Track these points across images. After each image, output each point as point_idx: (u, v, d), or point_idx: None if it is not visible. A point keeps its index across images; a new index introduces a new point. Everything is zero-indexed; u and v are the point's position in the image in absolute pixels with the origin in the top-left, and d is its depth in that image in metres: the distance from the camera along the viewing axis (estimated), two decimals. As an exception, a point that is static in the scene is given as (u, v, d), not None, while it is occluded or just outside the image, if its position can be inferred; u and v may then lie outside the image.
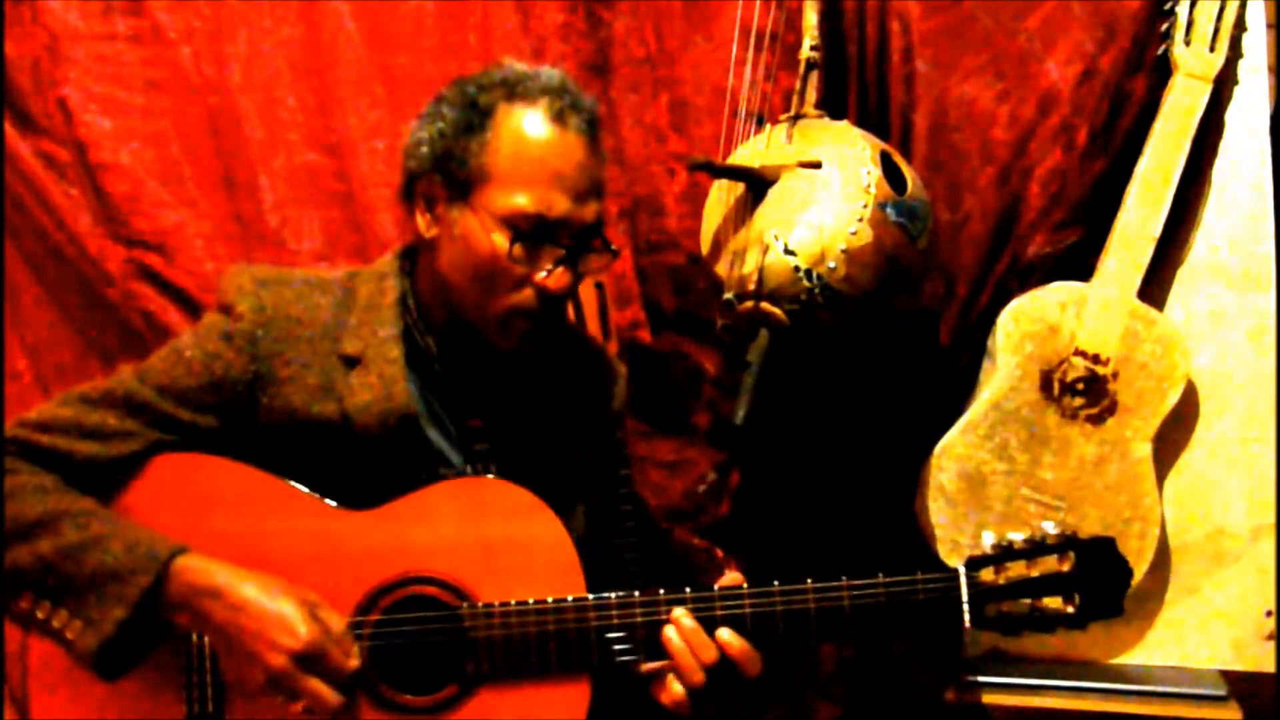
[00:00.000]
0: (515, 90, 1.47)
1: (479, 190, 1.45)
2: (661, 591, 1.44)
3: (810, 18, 2.13)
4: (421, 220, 1.51)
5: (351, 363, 1.50)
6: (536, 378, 1.60)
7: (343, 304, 1.54)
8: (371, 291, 1.55)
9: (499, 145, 1.45)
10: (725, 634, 1.42)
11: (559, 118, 1.45)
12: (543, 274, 1.45)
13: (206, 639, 1.42)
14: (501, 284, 1.46)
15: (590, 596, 1.44)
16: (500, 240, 1.44)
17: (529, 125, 1.45)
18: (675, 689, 1.44)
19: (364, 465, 1.48)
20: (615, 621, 1.43)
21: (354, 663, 1.37)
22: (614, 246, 1.54)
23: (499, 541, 1.46)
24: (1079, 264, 2.17)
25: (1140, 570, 2.09)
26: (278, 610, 1.34)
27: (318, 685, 1.34)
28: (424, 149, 1.49)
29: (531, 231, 1.44)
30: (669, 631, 1.43)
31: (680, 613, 1.43)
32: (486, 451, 1.55)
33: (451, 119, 1.47)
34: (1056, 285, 2.13)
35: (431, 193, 1.49)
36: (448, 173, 1.47)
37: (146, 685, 1.43)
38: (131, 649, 1.37)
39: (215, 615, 1.36)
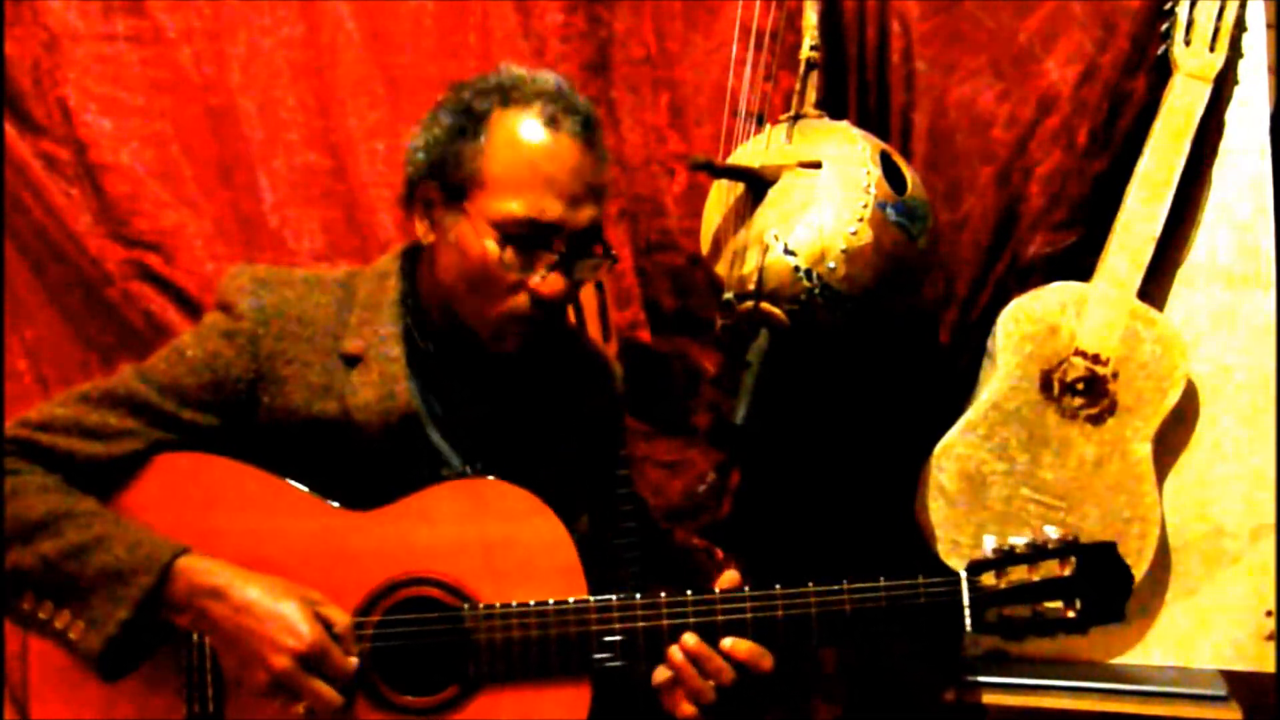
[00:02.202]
0: (510, 95, 1.46)
1: (473, 196, 1.45)
2: (663, 595, 1.44)
3: (810, 18, 2.13)
4: (420, 226, 1.51)
5: (353, 361, 1.50)
6: (535, 378, 1.60)
7: (343, 303, 1.54)
8: (372, 290, 1.55)
9: (492, 151, 1.44)
10: (729, 643, 1.42)
11: (552, 122, 1.44)
12: (537, 279, 1.45)
13: (207, 639, 1.42)
14: (496, 289, 1.45)
15: (592, 599, 1.44)
16: (493, 246, 1.43)
17: (522, 130, 1.44)
18: (688, 707, 1.44)
19: (365, 464, 1.48)
20: (617, 625, 1.43)
21: (354, 661, 1.37)
22: (613, 252, 1.53)
23: (500, 543, 1.46)
24: (1079, 264, 2.17)
25: (1140, 570, 2.09)
26: (280, 611, 1.35)
27: (320, 686, 1.35)
28: (421, 155, 1.49)
29: (524, 236, 1.43)
30: (676, 654, 1.42)
31: (688, 636, 1.42)
32: (486, 452, 1.54)
33: (447, 125, 1.47)
34: (1056, 285, 2.13)
35: (429, 199, 1.49)
36: (444, 179, 1.47)
37: (147, 685, 1.43)
38: (134, 649, 1.38)
39: (217, 616, 1.36)
